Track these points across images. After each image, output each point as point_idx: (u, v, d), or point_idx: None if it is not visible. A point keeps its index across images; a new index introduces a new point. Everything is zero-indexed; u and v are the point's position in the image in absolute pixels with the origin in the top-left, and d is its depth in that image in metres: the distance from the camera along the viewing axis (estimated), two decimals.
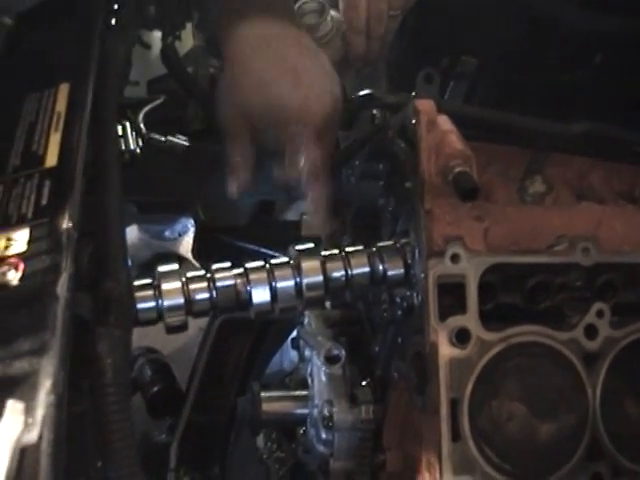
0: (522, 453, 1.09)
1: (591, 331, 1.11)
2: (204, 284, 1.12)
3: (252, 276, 1.13)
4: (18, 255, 0.85)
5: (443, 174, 1.08)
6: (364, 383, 1.19)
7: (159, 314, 1.10)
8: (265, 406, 1.20)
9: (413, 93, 1.26)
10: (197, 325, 1.46)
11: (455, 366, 1.06)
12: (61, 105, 1.04)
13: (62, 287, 0.80)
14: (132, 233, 2.83)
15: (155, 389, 1.60)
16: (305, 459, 1.27)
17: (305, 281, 1.13)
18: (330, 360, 1.14)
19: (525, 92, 1.28)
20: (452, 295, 1.08)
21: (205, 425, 1.58)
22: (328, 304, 1.29)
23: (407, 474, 1.12)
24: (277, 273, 1.14)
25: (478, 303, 1.08)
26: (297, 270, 1.13)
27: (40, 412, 0.69)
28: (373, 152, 1.26)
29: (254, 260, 1.16)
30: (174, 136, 1.62)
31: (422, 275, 1.09)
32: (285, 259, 1.16)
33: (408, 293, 1.15)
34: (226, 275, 1.13)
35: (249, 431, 1.39)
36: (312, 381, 1.18)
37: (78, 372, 0.82)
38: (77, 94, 1.06)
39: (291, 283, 1.14)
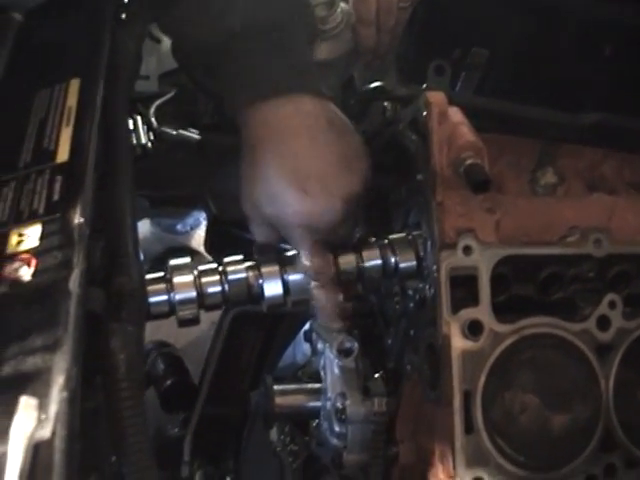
0: (535, 445, 1.09)
1: (603, 322, 1.11)
2: (216, 277, 1.13)
3: (264, 269, 1.14)
4: (30, 251, 0.86)
5: (454, 166, 1.08)
6: (377, 375, 1.18)
7: (171, 307, 1.10)
8: (278, 399, 1.20)
9: (424, 85, 1.26)
10: (209, 319, 1.47)
11: (468, 358, 1.06)
12: (72, 100, 1.04)
13: (74, 283, 0.80)
14: (144, 227, 2.84)
15: (168, 383, 1.61)
16: (318, 452, 1.27)
17: None
18: (343, 353, 1.13)
19: (536, 83, 1.28)
20: (464, 287, 1.08)
21: (218, 418, 1.58)
22: (340, 297, 1.29)
23: (420, 466, 1.12)
24: (289, 266, 1.14)
25: (490, 295, 1.08)
26: None
27: (53, 408, 0.69)
28: (384, 145, 1.26)
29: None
30: (185, 130, 1.63)
31: (434, 267, 1.09)
32: (296, 252, 1.16)
33: (420, 285, 1.15)
34: (238, 268, 1.14)
35: (262, 424, 1.39)
36: (325, 374, 1.18)
37: (91, 367, 0.82)
38: (88, 89, 1.06)
39: (303, 276, 1.14)
